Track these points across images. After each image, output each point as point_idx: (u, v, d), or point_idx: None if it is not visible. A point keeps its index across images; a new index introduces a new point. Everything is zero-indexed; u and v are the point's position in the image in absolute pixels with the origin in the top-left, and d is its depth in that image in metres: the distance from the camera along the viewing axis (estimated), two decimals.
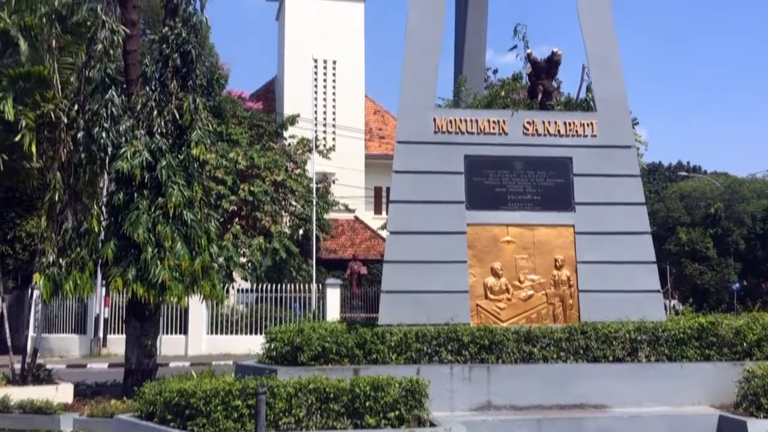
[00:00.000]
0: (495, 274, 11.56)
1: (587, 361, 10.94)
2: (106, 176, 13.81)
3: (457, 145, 11.80)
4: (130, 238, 12.09)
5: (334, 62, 36.84)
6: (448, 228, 11.49)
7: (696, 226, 42.21)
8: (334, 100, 36.83)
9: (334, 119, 36.32)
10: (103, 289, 22.05)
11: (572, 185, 11.91)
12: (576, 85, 13.27)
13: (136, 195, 12.31)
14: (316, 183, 29.22)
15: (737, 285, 39.78)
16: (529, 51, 12.87)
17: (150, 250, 12.06)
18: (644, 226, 11.92)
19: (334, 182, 32.06)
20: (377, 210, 38.03)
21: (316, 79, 35.82)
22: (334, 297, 26.24)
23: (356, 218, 35.30)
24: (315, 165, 29.28)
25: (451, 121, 11.90)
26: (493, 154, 11.87)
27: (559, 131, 12.07)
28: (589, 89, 12.90)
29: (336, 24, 36.43)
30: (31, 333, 16.53)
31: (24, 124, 12.63)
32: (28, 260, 21.48)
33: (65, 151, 12.90)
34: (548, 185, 11.91)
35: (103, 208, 13.39)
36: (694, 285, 40.71)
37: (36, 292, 14.15)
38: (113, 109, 12.48)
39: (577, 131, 12.10)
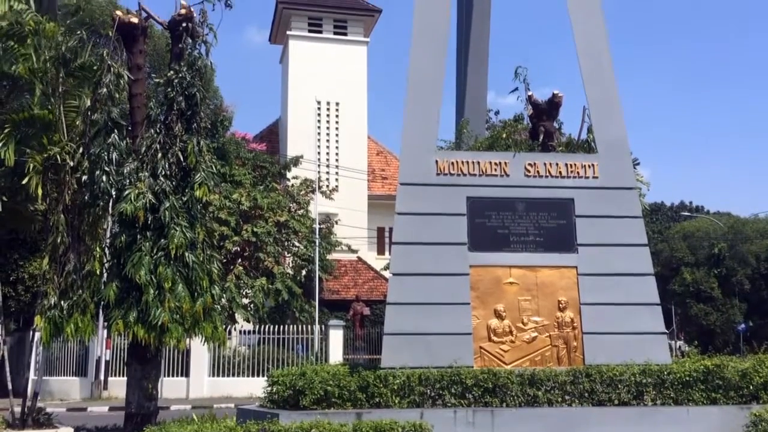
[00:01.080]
0: (498, 315, 11.50)
1: (592, 404, 10.83)
2: (109, 218, 13.84)
3: (459, 186, 11.85)
4: (132, 279, 12.06)
5: (337, 104, 37.19)
6: (450, 270, 11.47)
7: (700, 266, 42.06)
8: (337, 141, 37.10)
9: (337, 160, 36.54)
10: (105, 332, 21.94)
11: (574, 226, 11.92)
12: (577, 125, 13.39)
13: (138, 237, 12.32)
14: (319, 223, 29.29)
15: (743, 325, 39.50)
16: (530, 93, 13.02)
17: (151, 291, 12.02)
18: (647, 268, 11.89)
19: (336, 223, 32.11)
20: (380, 250, 38.00)
21: (319, 121, 36.25)
22: (336, 338, 26.05)
23: (359, 259, 35.26)
24: (318, 206, 29.40)
25: (453, 163, 11.96)
26: (495, 196, 11.91)
27: (560, 173, 12.12)
28: (590, 130, 13.00)
29: (339, 66, 36.91)
30: (31, 376, 16.40)
31: (31, 167, 12.71)
32: (30, 302, 21.44)
33: (69, 193, 12.95)
34: (550, 226, 11.92)
35: (106, 249, 13.40)
36: (699, 326, 40.42)
37: (37, 335, 14.08)
38: (115, 154, 12.58)
39: (578, 173, 12.15)
